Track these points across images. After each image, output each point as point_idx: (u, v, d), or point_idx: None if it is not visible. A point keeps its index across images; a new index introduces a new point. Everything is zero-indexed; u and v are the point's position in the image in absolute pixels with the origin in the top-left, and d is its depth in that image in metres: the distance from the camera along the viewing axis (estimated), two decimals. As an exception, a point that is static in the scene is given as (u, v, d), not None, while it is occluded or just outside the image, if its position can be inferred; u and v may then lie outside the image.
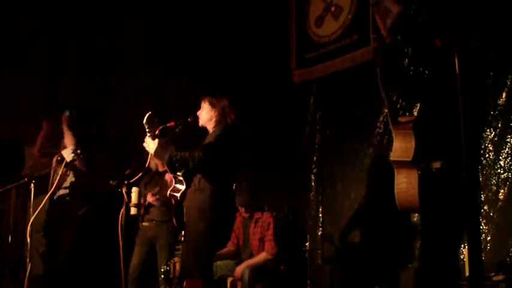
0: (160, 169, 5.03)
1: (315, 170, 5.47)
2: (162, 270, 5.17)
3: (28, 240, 4.50)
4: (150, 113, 3.90)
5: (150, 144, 3.89)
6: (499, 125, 4.10)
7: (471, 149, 2.48)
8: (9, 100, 5.96)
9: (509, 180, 4.02)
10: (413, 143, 2.76)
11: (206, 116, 4.06)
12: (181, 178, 3.97)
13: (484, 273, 3.47)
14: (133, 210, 4.50)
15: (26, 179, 4.79)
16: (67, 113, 5.14)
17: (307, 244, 4.82)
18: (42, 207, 4.67)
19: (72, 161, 4.77)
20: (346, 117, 5.22)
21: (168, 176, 4.15)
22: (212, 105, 4.05)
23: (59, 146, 5.06)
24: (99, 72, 6.55)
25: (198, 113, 4.10)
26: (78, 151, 4.78)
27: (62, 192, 5.20)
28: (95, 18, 6.56)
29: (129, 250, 4.88)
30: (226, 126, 4.01)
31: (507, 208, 4.01)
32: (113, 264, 4.65)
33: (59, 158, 4.86)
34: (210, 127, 4.07)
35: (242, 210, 4.87)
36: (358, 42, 5.11)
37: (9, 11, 5.98)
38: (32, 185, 4.71)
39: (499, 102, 4.09)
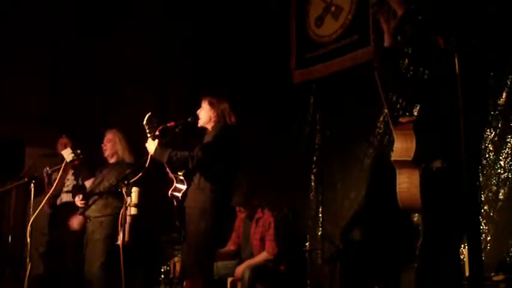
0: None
1: (315, 170, 5.47)
2: (162, 270, 5.19)
3: (28, 240, 4.49)
4: (149, 113, 3.90)
5: (150, 145, 3.89)
6: (499, 125, 4.11)
7: (471, 149, 2.48)
8: (9, 100, 5.96)
9: (509, 180, 4.03)
10: (414, 143, 2.76)
11: (205, 115, 4.05)
12: (182, 178, 3.98)
13: (484, 273, 3.47)
14: (133, 210, 4.50)
15: (26, 179, 4.79)
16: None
17: (307, 244, 4.83)
18: (41, 208, 4.68)
19: (72, 161, 4.77)
20: (346, 117, 5.22)
21: None
22: (211, 105, 4.03)
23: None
24: (99, 73, 6.56)
25: (198, 111, 4.09)
26: (78, 151, 4.78)
27: (65, 197, 5.23)
28: (95, 19, 6.57)
29: (129, 250, 4.87)
30: (224, 126, 4.00)
31: (507, 208, 4.01)
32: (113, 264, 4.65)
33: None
34: (209, 127, 4.06)
35: (241, 209, 4.87)
36: (358, 42, 5.11)
37: (10, 12, 5.98)
38: (32, 185, 4.71)
39: (499, 102, 4.09)
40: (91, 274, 4.68)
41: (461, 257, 3.50)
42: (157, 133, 3.91)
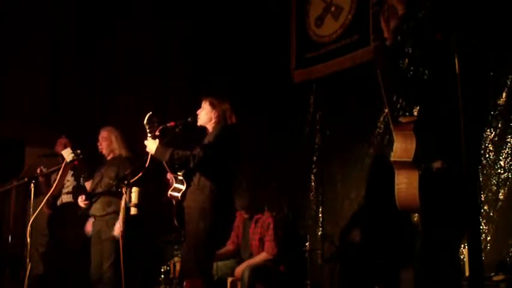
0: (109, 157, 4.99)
1: (315, 170, 5.47)
2: (162, 270, 5.20)
3: (28, 240, 4.49)
4: (150, 113, 3.91)
5: (151, 144, 3.89)
6: (499, 125, 4.10)
7: (471, 149, 2.48)
8: (9, 100, 5.97)
9: (509, 180, 4.03)
10: (414, 144, 2.75)
11: (205, 116, 4.05)
12: (181, 178, 3.97)
13: (484, 273, 3.47)
14: (133, 210, 4.50)
15: (26, 179, 4.79)
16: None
17: (307, 244, 4.83)
18: (41, 208, 4.68)
19: (72, 161, 4.77)
20: (346, 117, 5.22)
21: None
22: (213, 106, 4.04)
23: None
24: (99, 73, 6.56)
25: (198, 112, 4.09)
26: (78, 151, 4.78)
27: (65, 198, 5.23)
28: (95, 18, 6.57)
29: (129, 250, 4.87)
30: (225, 126, 4.00)
31: (507, 208, 4.01)
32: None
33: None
34: (210, 127, 4.06)
35: (243, 212, 4.88)
36: (358, 42, 5.11)
37: (10, 12, 5.98)
38: (32, 185, 4.71)
39: (499, 102, 4.09)
40: (99, 274, 4.69)
41: (461, 257, 3.51)
42: (157, 133, 3.91)
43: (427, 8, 4.19)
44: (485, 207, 4.07)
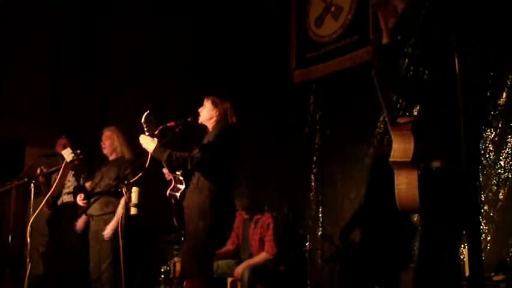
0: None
1: (315, 170, 5.47)
2: (162, 270, 5.20)
3: (28, 240, 4.49)
4: (148, 111, 3.90)
5: (149, 143, 3.88)
6: (499, 125, 4.11)
7: (471, 149, 2.48)
8: (9, 100, 5.97)
9: (510, 180, 4.03)
10: (412, 144, 2.75)
11: (207, 114, 4.06)
12: (181, 178, 3.98)
13: (484, 273, 3.47)
14: (133, 210, 4.50)
15: (26, 179, 4.79)
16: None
17: (307, 244, 4.83)
18: (41, 208, 4.68)
19: (72, 161, 4.77)
20: (346, 117, 5.22)
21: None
22: (214, 104, 4.04)
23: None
24: (99, 73, 6.56)
25: (199, 110, 4.10)
26: (78, 151, 4.78)
27: (66, 198, 5.23)
28: (95, 18, 6.58)
29: (129, 250, 4.87)
30: (226, 126, 4.00)
31: (507, 208, 4.01)
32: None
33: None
34: (210, 126, 4.06)
35: (243, 212, 4.88)
36: (358, 42, 5.11)
37: (10, 12, 5.98)
38: (32, 185, 4.71)
39: (499, 102, 4.09)
40: (99, 273, 4.69)
41: (461, 257, 3.51)
42: (156, 133, 3.91)
43: (427, 8, 4.19)
44: (485, 207, 4.07)
